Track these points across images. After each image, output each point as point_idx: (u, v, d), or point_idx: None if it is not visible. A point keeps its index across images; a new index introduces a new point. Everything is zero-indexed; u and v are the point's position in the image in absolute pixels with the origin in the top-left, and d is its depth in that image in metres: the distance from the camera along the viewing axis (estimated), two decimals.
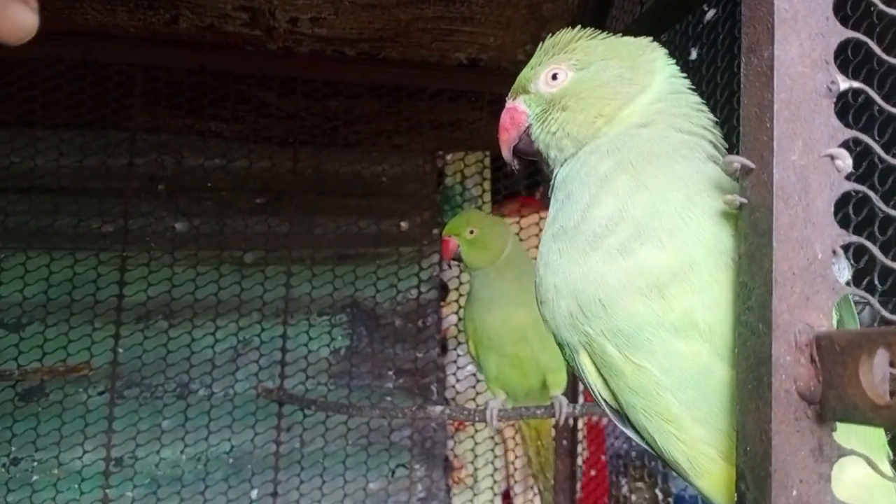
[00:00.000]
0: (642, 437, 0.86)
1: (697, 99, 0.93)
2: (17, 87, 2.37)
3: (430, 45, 2.54)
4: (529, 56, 0.99)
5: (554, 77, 0.93)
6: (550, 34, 0.97)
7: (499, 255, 2.01)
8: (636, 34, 2.27)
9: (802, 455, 0.63)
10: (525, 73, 0.97)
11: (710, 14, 1.98)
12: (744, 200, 0.68)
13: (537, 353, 1.99)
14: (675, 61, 0.95)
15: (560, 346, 0.89)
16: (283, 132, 2.77)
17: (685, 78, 0.94)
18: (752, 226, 0.66)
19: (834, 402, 0.60)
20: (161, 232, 2.75)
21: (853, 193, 0.65)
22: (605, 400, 0.88)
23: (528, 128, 0.96)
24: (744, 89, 0.68)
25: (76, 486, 2.48)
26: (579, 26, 0.96)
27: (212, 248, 2.72)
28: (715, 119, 0.93)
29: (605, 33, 0.96)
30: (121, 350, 2.49)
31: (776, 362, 0.62)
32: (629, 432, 0.89)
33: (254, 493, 2.70)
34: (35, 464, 2.52)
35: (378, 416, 2.24)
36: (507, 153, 1.00)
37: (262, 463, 2.67)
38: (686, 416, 0.78)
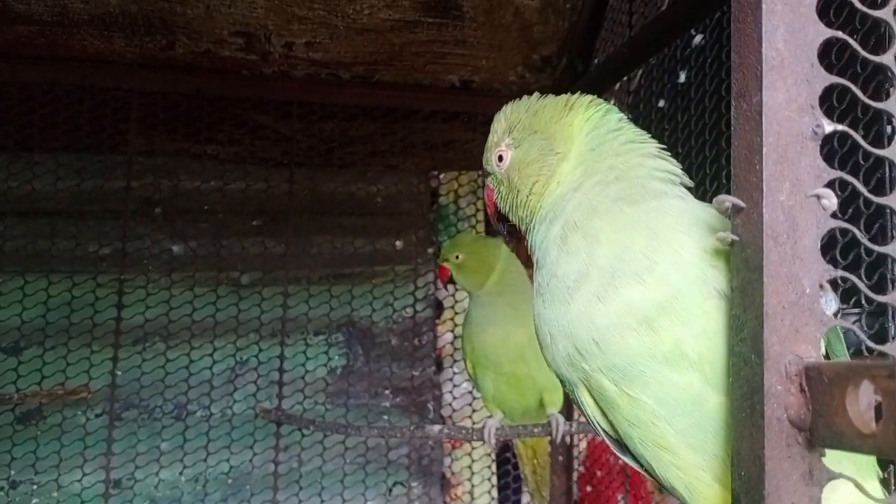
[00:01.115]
0: (640, 465, 0.90)
1: (626, 138, 0.97)
2: (15, 111, 2.39)
3: (424, 68, 2.58)
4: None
5: (500, 159, 1.04)
6: (505, 112, 1.07)
7: (486, 278, 2.06)
8: (626, 57, 2.33)
9: (794, 479, 0.66)
10: (484, 154, 1.08)
11: (698, 39, 2.03)
12: (735, 238, 0.71)
13: (534, 372, 2.03)
14: (596, 108, 1.00)
15: (561, 381, 0.93)
16: (279, 154, 2.81)
17: (611, 121, 0.99)
18: (743, 262, 0.70)
19: (823, 429, 0.64)
20: (158, 254, 2.77)
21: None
22: (604, 430, 0.91)
23: (496, 204, 1.08)
24: (734, 132, 0.72)
25: None
26: (519, 99, 1.05)
27: (209, 270, 2.75)
28: (657, 146, 0.97)
29: (538, 99, 1.04)
30: (119, 372, 2.50)
31: (768, 391, 0.66)
32: (628, 460, 0.92)
33: None
34: (35, 487, 2.52)
35: (376, 435, 2.26)
36: (495, 225, 1.14)
37: (260, 483, 2.68)
38: (681, 444, 0.81)
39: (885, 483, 0.83)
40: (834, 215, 0.69)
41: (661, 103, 2.20)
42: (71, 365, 2.47)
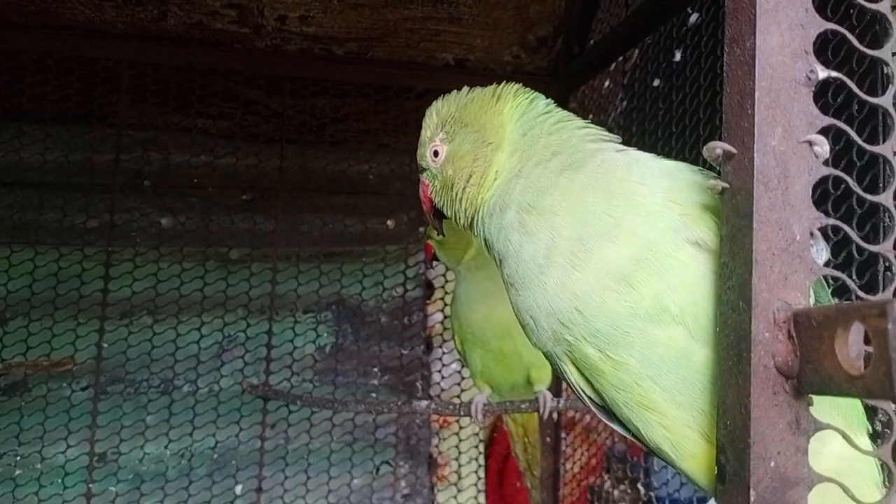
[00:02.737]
0: (628, 430, 0.89)
1: (554, 120, 0.98)
2: (3, 80, 2.37)
3: (418, 45, 2.56)
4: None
5: (435, 154, 1.04)
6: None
7: (463, 253, 2.06)
8: (622, 36, 2.32)
9: (780, 428, 0.65)
10: (418, 150, 1.09)
11: (694, 17, 2.02)
12: (726, 185, 0.70)
13: (521, 349, 2.02)
14: (524, 95, 1.02)
15: (546, 356, 0.92)
16: (270, 130, 2.78)
17: (538, 106, 1.00)
18: (733, 209, 0.69)
19: (811, 375, 0.63)
20: (146, 228, 2.75)
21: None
22: (590, 398, 0.91)
23: (432, 199, 1.10)
24: (726, 78, 0.71)
25: (59, 480, 2.47)
26: (458, 90, 1.06)
27: (197, 245, 2.73)
28: (583, 121, 0.99)
29: (467, 93, 1.05)
30: (105, 345, 2.48)
31: (755, 339, 0.65)
32: (615, 426, 0.92)
33: (238, 489, 2.70)
34: (18, 458, 2.50)
35: (363, 411, 2.25)
36: (430, 220, 1.15)
37: (246, 458, 2.67)
38: (668, 402, 0.80)
39: (874, 437, 0.82)
40: (826, 163, 0.68)
41: (657, 82, 2.18)
42: (56, 336, 2.45)
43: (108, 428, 2.52)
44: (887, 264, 1.13)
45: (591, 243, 0.82)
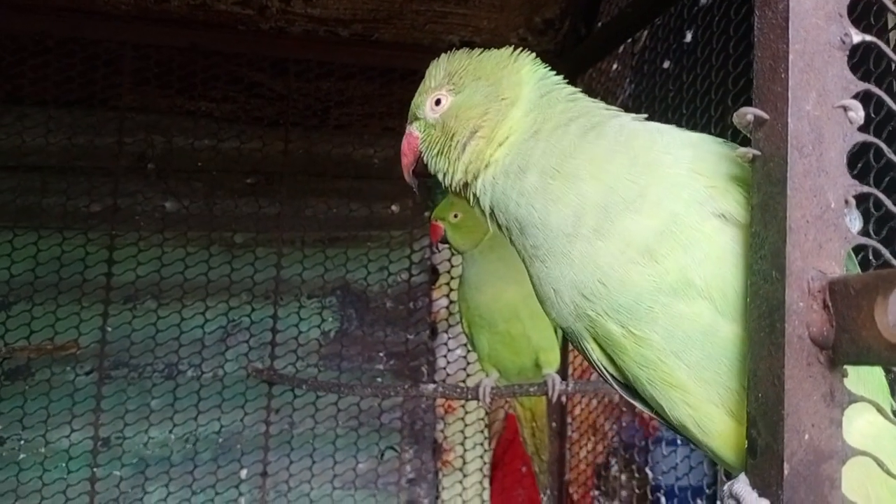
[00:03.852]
0: (651, 408, 0.87)
1: (570, 90, 0.96)
2: (5, 62, 2.35)
3: (424, 27, 2.54)
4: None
5: (437, 103, 0.98)
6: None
7: (481, 237, 2.03)
8: (631, 18, 2.30)
9: (814, 400, 0.64)
10: (415, 99, 1.02)
11: None
12: (757, 153, 0.68)
13: (528, 331, 2.01)
14: (540, 62, 0.99)
15: (567, 333, 0.90)
16: (274, 113, 2.76)
17: (554, 75, 0.98)
18: (765, 176, 0.67)
19: (847, 345, 0.61)
20: (150, 212, 2.73)
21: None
22: (612, 375, 0.89)
23: (421, 152, 1.01)
24: (757, 42, 0.69)
25: (63, 465, 2.47)
26: (466, 49, 1.01)
27: (201, 229, 2.71)
28: (592, 100, 0.96)
29: (480, 51, 1.00)
30: (109, 329, 2.47)
31: (789, 308, 0.63)
32: (638, 404, 0.90)
33: (243, 473, 2.69)
34: (22, 443, 2.50)
35: (369, 394, 2.24)
36: (407, 177, 1.06)
37: (251, 443, 2.66)
38: (692, 379, 0.78)
39: None
40: (861, 129, 0.66)
41: (667, 64, 2.16)
42: (60, 320, 2.44)
43: (113, 412, 2.51)
44: None
45: (615, 213, 0.79)
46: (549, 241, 0.84)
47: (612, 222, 0.79)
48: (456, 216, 2.05)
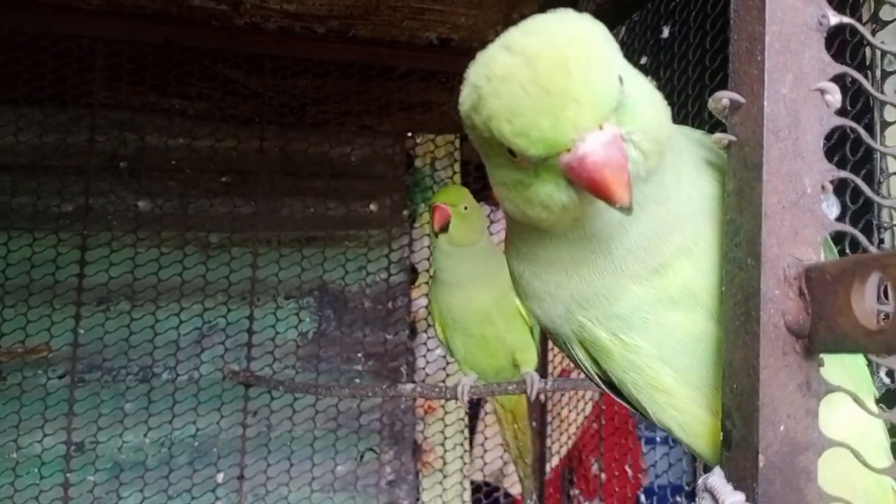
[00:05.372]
0: (634, 407, 0.86)
1: None
2: None
3: (401, 24, 2.51)
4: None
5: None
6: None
7: (479, 237, 1.99)
8: (609, 13, 2.28)
9: (790, 390, 0.62)
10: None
11: None
12: (732, 138, 0.67)
13: (502, 333, 1.98)
14: None
15: (549, 332, 0.87)
16: (250, 111, 2.72)
17: None
18: (741, 161, 0.65)
19: (824, 333, 0.59)
20: (123, 211, 2.68)
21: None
22: (597, 375, 0.87)
23: None
24: (733, 25, 0.67)
25: (36, 470, 2.41)
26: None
27: (175, 229, 2.66)
28: None
29: None
30: (81, 332, 2.41)
31: (764, 296, 0.62)
32: (623, 402, 0.88)
33: (219, 477, 2.65)
34: None
35: (347, 395, 2.21)
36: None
37: (228, 446, 2.62)
38: (679, 383, 0.76)
39: (880, 403, 0.79)
40: (838, 113, 0.65)
41: (644, 60, 2.15)
42: (31, 323, 2.38)
43: (86, 416, 2.45)
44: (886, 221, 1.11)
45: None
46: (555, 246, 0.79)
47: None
48: (466, 207, 1.97)
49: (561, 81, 0.60)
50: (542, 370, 2.41)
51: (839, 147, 1.25)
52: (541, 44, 0.62)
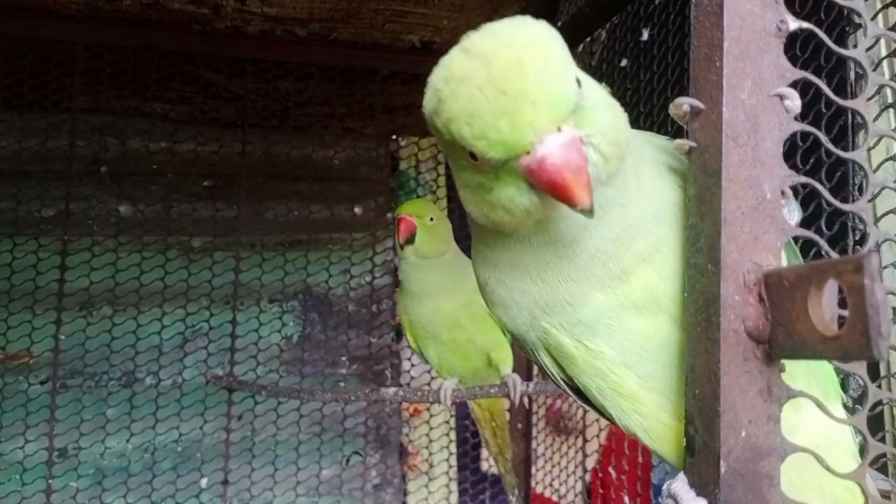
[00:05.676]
0: (599, 412, 0.86)
1: None
2: None
3: (383, 27, 2.51)
4: None
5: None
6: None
7: (446, 248, 1.98)
8: (589, 16, 2.28)
9: (751, 395, 0.62)
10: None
11: None
12: (693, 144, 0.67)
13: (473, 336, 1.98)
14: None
15: (515, 338, 0.87)
16: (232, 114, 2.71)
17: None
18: (701, 167, 0.66)
19: (783, 339, 0.60)
20: (104, 216, 2.67)
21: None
22: (564, 381, 0.87)
23: None
24: (693, 31, 0.67)
25: (17, 477, 2.40)
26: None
27: (157, 233, 2.65)
28: None
29: None
30: (63, 337, 2.40)
31: (724, 302, 0.62)
32: (590, 408, 0.88)
33: (203, 482, 2.63)
34: None
35: (331, 399, 2.20)
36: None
37: (211, 451, 2.61)
38: (643, 388, 0.76)
39: (848, 408, 0.80)
40: (797, 118, 0.65)
41: (624, 62, 2.15)
42: (12, 329, 2.37)
43: (68, 422, 2.44)
44: (860, 224, 1.11)
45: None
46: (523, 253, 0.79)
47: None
48: (432, 219, 1.96)
49: (517, 82, 0.61)
50: (528, 373, 2.41)
51: (816, 149, 1.26)
52: (498, 46, 0.63)
